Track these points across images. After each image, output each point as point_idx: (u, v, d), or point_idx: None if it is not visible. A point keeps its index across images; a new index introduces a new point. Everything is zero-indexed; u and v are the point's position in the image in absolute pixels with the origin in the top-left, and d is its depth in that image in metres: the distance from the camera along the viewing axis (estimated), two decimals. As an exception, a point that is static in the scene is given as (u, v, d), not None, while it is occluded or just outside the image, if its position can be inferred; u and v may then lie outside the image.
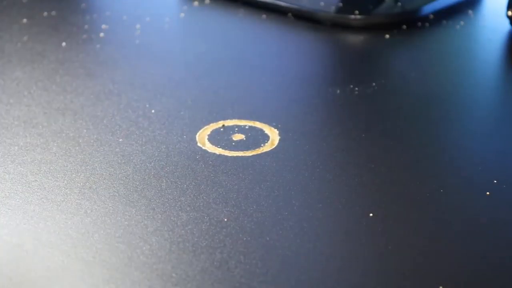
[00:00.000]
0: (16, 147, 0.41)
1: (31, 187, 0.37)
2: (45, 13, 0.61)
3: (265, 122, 0.43)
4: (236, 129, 0.43)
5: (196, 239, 0.34)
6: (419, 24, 0.58)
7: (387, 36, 0.56)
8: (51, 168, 0.39)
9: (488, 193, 0.36)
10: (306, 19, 0.59)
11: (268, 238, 0.34)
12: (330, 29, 0.58)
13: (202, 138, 0.41)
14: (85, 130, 0.43)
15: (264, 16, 0.60)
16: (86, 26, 0.59)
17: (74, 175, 0.38)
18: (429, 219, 0.35)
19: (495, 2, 0.62)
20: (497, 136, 0.42)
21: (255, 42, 0.57)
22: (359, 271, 0.32)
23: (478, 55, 0.55)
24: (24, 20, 0.59)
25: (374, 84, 0.48)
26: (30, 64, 0.51)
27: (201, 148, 0.41)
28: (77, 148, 0.41)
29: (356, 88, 0.48)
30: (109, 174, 0.38)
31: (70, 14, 0.61)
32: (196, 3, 0.63)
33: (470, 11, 0.61)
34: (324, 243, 0.33)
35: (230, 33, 0.59)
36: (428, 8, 0.59)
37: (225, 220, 0.35)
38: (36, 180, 0.38)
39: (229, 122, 0.43)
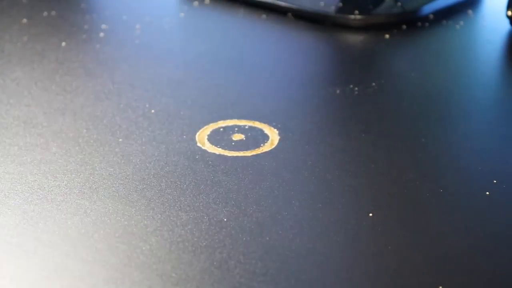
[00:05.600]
0: (16, 147, 0.41)
1: (31, 187, 0.37)
2: (45, 13, 0.61)
3: (265, 122, 0.43)
4: (236, 129, 0.43)
5: (196, 239, 0.34)
6: (419, 24, 0.58)
7: (387, 36, 0.56)
8: (51, 168, 0.39)
9: (488, 193, 0.36)
10: (306, 19, 0.59)
11: (268, 238, 0.34)
12: (330, 29, 0.58)
13: (202, 138, 0.41)
14: (85, 130, 0.43)
15: (264, 16, 0.60)
16: (86, 26, 0.59)
17: (74, 175, 0.38)
18: (429, 219, 0.35)
19: (495, 2, 0.62)
20: (497, 136, 0.42)
21: (255, 42, 0.57)
22: (359, 271, 0.32)
23: (478, 55, 0.55)
24: (24, 20, 0.59)
25: (374, 84, 0.48)
26: (30, 64, 0.51)
27: (200, 148, 0.41)
28: (77, 148, 0.41)
29: (356, 88, 0.48)
30: (109, 174, 0.38)
31: (70, 14, 0.61)
32: (196, 3, 0.63)
33: (470, 11, 0.61)
34: (324, 243, 0.33)
35: (230, 33, 0.59)
36: (428, 8, 0.59)
37: (225, 220, 0.35)
38: (35, 180, 0.38)
39: (229, 122, 0.43)
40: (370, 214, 0.35)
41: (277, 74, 0.51)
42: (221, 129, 0.42)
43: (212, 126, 0.43)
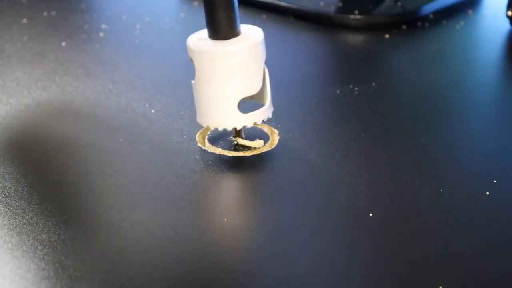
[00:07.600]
0: (16, 147, 0.41)
1: (31, 187, 0.37)
2: (45, 13, 0.61)
3: (265, 122, 0.42)
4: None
5: (195, 239, 0.34)
6: (419, 24, 0.58)
7: (387, 36, 0.56)
8: (51, 168, 0.39)
9: (488, 193, 0.36)
10: (306, 19, 0.59)
11: (268, 238, 0.34)
12: (330, 29, 0.58)
13: (202, 138, 0.41)
14: (85, 130, 0.43)
15: (264, 16, 0.60)
16: (86, 26, 0.59)
17: (74, 175, 0.38)
18: (429, 219, 0.35)
19: (495, 2, 0.62)
20: (497, 136, 0.42)
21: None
22: (359, 271, 0.32)
23: (478, 55, 0.55)
24: (24, 20, 0.60)
25: (374, 84, 0.48)
26: (30, 64, 0.52)
27: (201, 148, 0.41)
28: (77, 148, 0.41)
29: (356, 88, 0.48)
30: (109, 174, 0.38)
31: (70, 14, 0.61)
32: (196, 3, 0.63)
33: (470, 11, 0.61)
34: (324, 243, 0.33)
35: (230, 33, 0.58)
36: (428, 8, 0.59)
37: (225, 220, 0.35)
38: (36, 180, 0.38)
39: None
40: (370, 214, 0.35)
41: (277, 74, 0.51)
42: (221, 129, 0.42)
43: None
